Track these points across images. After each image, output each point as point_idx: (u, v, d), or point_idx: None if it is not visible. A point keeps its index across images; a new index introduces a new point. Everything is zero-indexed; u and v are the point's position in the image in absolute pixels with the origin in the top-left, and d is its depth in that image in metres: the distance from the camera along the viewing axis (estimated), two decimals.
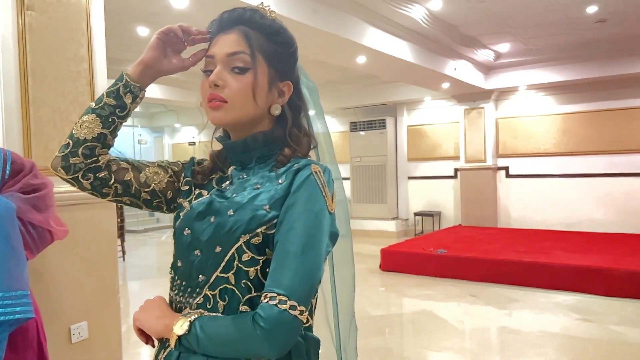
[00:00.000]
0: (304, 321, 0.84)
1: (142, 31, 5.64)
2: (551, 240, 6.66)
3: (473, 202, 8.40)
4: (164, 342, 0.96)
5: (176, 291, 0.98)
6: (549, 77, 7.42)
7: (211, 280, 0.92)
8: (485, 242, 6.62)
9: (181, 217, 0.99)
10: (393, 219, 9.10)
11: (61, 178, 0.99)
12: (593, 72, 7.05)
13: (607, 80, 7.22)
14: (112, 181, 1.00)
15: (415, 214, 9.00)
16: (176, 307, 0.97)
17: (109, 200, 1.03)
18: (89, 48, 2.50)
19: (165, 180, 1.05)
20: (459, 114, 8.60)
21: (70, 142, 0.97)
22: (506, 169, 8.41)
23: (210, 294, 0.91)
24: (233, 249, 0.90)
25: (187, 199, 1.02)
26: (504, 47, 7.05)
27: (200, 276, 0.93)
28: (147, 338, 0.98)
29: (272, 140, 0.99)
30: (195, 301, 0.93)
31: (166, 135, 13.05)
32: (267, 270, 0.88)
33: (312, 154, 1.06)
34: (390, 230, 8.88)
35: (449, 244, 6.43)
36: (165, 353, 0.94)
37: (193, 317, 0.87)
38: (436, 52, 6.40)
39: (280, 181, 0.93)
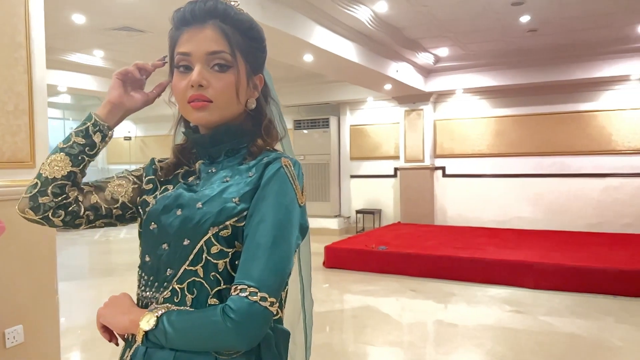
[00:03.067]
0: (275, 313, 0.85)
1: (78, 19, 5.37)
2: (485, 237, 7.00)
3: (412, 201, 8.67)
4: (129, 341, 0.94)
5: (143, 287, 0.96)
6: (484, 81, 7.80)
7: (179, 274, 0.91)
8: (424, 239, 6.85)
9: (147, 212, 0.97)
10: (335, 216, 9.22)
11: (29, 219, 0.96)
12: (525, 78, 7.48)
13: (538, 86, 7.68)
14: (82, 211, 0.98)
15: (357, 212, 9.17)
16: (142, 304, 0.95)
17: (83, 229, 1.01)
18: (26, 35, 2.36)
19: (131, 189, 1.03)
20: (399, 115, 8.84)
21: (39, 182, 0.95)
22: (443, 168, 8.74)
23: (178, 287, 0.90)
24: (202, 242, 0.89)
25: (152, 195, 1.00)
26: (443, 51, 7.32)
27: (168, 270, 0.92)
28: (110, 335, 0.95)
29: (241, 133, 0.99)
30: (162, 295, 0.92)
31: None
32: (236, 262, 0.88)
33: (278, 146, 1.06)
34: (332, 228, 8.99)
35: (390, 241, 6.60)
36: (132, 351, 0.92)
37: (160, 312, 0.86)
38: (380, 53, 6.54)
39: (250, 174, 0.93)
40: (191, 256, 0.90)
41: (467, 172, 8.55)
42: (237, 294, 0.82)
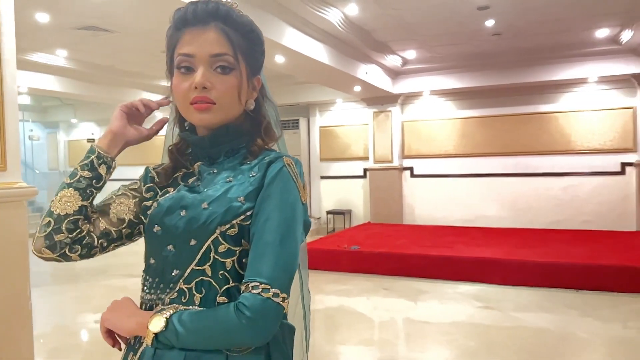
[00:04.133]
0: (285, 308, 0.87)
1: (42, 17, 5.21)
2: (453, 235, 7.16)
3: (381, 201, 8.79)
4: (132, 345, 0.94)
5: (147, 290, 0.97)
6: (450, 83, 7.98)
7: (186, 274, 0.91)
8: (394, 238, 6.95)
9: (149, 215, 0.98)
10: None
11: (46, 258, 0.96)
12: (489, 80, 7.70)
13: (502, 88, 7.92)
14: (96, 240, 0.98)
15: (327, 213, 9.22)
16: (147, 306, 0.96)
17: (98, 257, 1.01)
18: None
19: (133, 204, 1.02)
20: (368, 116, 8.95)
21: (51, 219, 0.94)
22: (411, 169, 8.89)
23: (186, 287, 0.91)
24: (209, 241, 0.90)
25: (153, 199, 1.00)
26: (411, 53, 7.46)
27: (174, 271, 0.93)
28: (114, 341, 0.95)
29: (240, 133, 1.00)
30: (169, 296, 0.92)
31: (61, 131, 12.11)
32: (243, 260, 0.90)
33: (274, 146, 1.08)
34: None
35: (361, 241, 6.67)
36: (138, 354, 0.92)
37: (168, 313, 0.87)
38: (350, 55, 6.61)
39: (252, 174, 0.94)
40: (198, 256, 0.91)
41: (434, 172, 8.73)
42: (250, 291, 0.84)
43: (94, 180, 0.97)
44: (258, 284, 0.84)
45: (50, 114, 11.66)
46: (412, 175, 8.88)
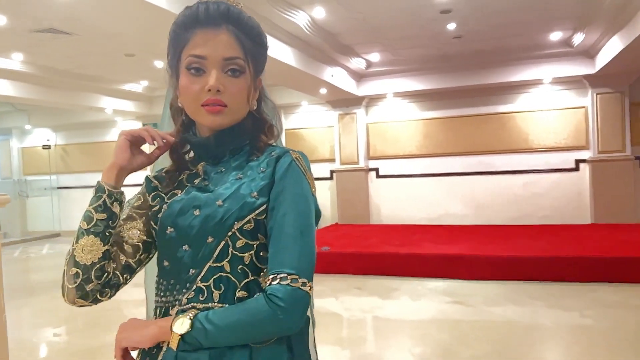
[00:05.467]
0: (312, 296, 0.91)
1: None
2: (419, 234, 7.32)
3: (348, 202, 8.89)
4: (148, 351, 0.95)
5: (162, 293, 0.98)
6: (413, 85, 8.18)
7: (203, 272, 0.93)
8: (363, 238, 7.05)
9: (159, 219, 0.99)
10: None
11: (80, 306, 0.96)
12: (451, 82, 7.94)
13: (462, 90, 8.16)
14: (121, 278, 0.99)
15: None
16: (163, 310, 0.97)
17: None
18: None
19: (142, 223, 1.02)
20: (333, 118, 9.03)
21: (79, 270, 0.93)
22: (376, 170, 9.03)
23: (203, 285, 0.93)
24: (226, 237, 0.92)
25: (162, 204, 1.01)
26: (375, 56, 7.59)
27: (191, 270, 0.94)
28: None
29: (243, 131, 1.02)
30: (186, 296, 0.93)
31: (14, 138, 11.61)
32: (261, 254, 0.94)
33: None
34: None
35: (331, 241, 6.73)
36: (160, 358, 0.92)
37: (192, 314, 0.88)
38: (316, 58, 6.66)
39: (261, 169, 0.97)
40: (216, 253, 0.92)
41: (399, 173, 8.89)
42: (279, 282, 0.87)
43: (110, 221, 0.96)
44: (286, 275, 0.87)
45: (2, 120, 11.17)
46: (378, 175, 9.02)
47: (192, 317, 0.87)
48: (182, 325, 0.87)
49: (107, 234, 0.96)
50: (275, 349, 0.91)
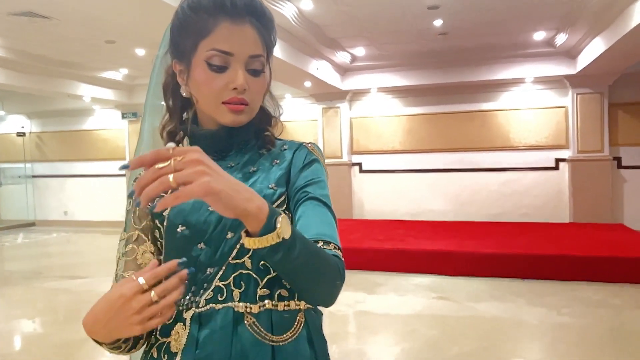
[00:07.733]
0: None
1: None
2: (402, 229, 7.34)
3: (331, 196, 8.77)
4: (151, 343, 0.91)
5: None
6: (397, 81, 8.17)
7: (222, 270, 0.88)
8: (347, 233, 7.03)
9: (166, 218, 0.93)
10: None
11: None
12: (435, 78, 7.96)
13: (445, 87, 8.19)
14: None
15: None
16: (175, 315, 0.89)
17: None
18: None
19: (151, 244, 0.97)
20: (317, 112, 8.98)
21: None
22: (360, 164, 9.02)
23: (223, 284, 0.88)
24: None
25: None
26: (360, 50, 7.55)
27: (208, 269, 0.89)
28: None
29: (249, 125, 0.98)
30: (204, 297, 0.88)
31: None
32: None
33: None
34: None
35: None
36: (186, 334, 0.87)
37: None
38: (302, 50, 6.59)
39: (276, 161, 0.97)
40: (236, 249, 0.88)
41: (382, 168, 8.90)
42: (328, 247, 0.87)
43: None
44: (329, 241, 0.88)
45: None
46: (361, 170, 9.01)
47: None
48: (287, 228, 0.74)
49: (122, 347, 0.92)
50: (298, 345, 0.88)
